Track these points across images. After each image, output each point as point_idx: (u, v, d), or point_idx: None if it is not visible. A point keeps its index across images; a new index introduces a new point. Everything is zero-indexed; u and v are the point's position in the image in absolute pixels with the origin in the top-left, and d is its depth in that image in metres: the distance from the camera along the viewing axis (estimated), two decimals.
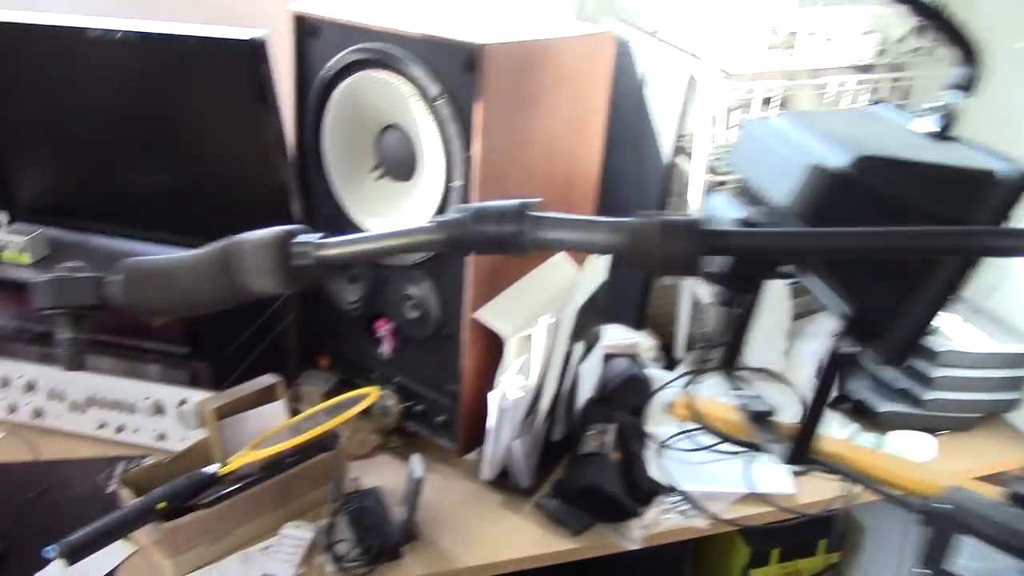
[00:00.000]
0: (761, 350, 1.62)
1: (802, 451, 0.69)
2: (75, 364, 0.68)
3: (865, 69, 1.56)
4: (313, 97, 1.34)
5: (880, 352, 0.64)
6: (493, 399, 1.28)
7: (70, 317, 0.69)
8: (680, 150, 1.56)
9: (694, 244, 0.58)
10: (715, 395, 0.81)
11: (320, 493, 1.31)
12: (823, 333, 1.61)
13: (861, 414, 1.52)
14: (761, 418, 0.76)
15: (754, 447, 0.77)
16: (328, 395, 1.50)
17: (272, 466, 1.26)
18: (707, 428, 0.79)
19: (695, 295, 1.63)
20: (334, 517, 1.25)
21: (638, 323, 1.69)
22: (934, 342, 1.44)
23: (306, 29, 1.33)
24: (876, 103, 1.59)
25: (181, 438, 1.40)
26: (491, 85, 1.17)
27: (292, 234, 0.59)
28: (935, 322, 0.65)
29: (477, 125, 1.18)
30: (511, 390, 1.27)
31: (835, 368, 0.66)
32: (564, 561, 1.29)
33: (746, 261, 0.66)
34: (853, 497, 1.37)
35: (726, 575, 1.92)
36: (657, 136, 1.57)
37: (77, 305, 0.68)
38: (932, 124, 0.73)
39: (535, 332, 1.27)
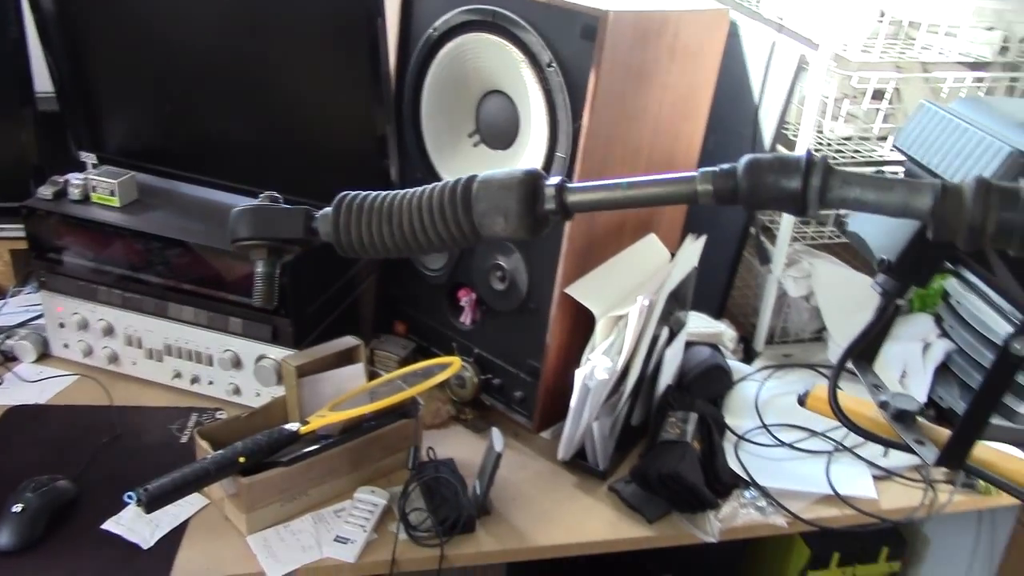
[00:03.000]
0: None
1: (957, 455, 0.65)
2: (268, 299, 0.64)
3: (979, 67, 1.50)
4: (416, 56, 1.31)
5: None
6: (579, 377, 1.25)
7: (269, 250, 0.64)
8: (782, 137, 1.51)
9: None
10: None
11: (395, 459, 1.29)
12: (911, 336, 1.56)
13: (947, 423, 1.48)
14: (907, 417, 0.72)
15: (899, 447, 0.73)
16: (404, 361, 1.48)
17: (351, 429, 1.24)
18: (846, 423, 0.75)
19: (782, 287, 1.58)
20: (410, 485, 1.23)
21: (719, 312, 1.65)
22: None
23: None
24: None
25: (256, 393, 1.39)
26: (608, 54, 1.13)
27: (541, 175, 0.53)
28: None
29: (590, 95, 1.14)
30: (599, 369, 1.23)
31: (1008, 369, 0.61)
32: (637, 548, 1.26)
33: (924, 249, 0.62)
34: (939, 507, 1.33)
35: (782, 575, 1.89)
36: (758, 121, 1.52)
37: (280, 238, 0.63)
38: None
39: (631, 312, 1.23)
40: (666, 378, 1.40)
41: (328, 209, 0.64)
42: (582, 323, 1.30)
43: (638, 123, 1.26)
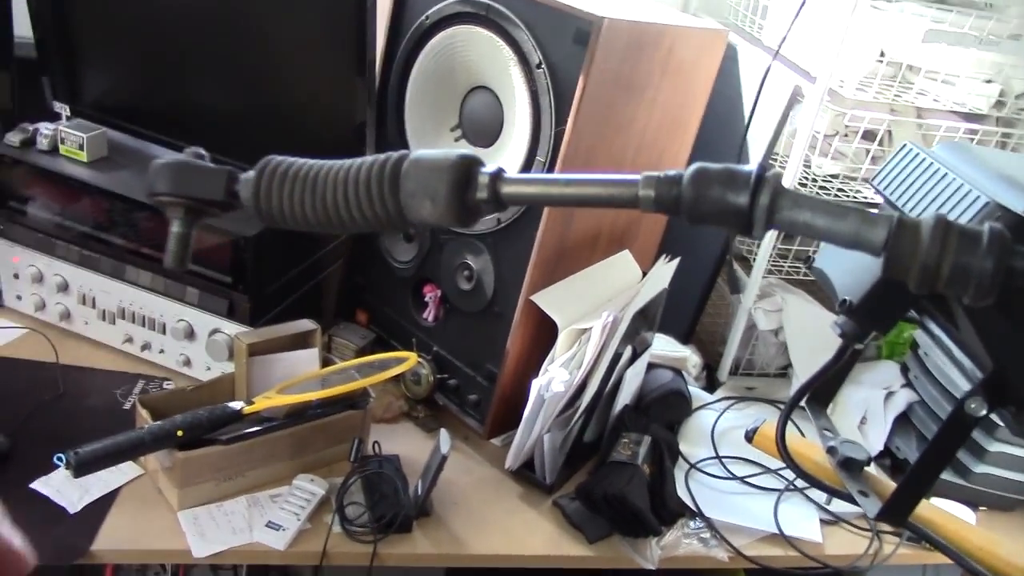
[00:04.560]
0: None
1: (899, 511, 0.63)
2: (180, 261, 0.60)
3: (974, 118, 1.49)
4: (405, 43, 1.29)
5: (1017, 421, 0.57)
6: (535, 387, 1.22)
7: (186, 209, 0.60)
8: (770, 168, 1.49)
9: (997, 260, 0.44)
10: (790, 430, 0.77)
11: (338, 450, 1.26)
12: (875, 383, 1.54)
13: (901, 473, 1.46)
14: (854, 466, 0.69)
15: (841, 496, 0.71)
16: (361, 351, 1.45)
17: (297, 414, 1.21)
18: (791, 466, 0.73)
19: (752, 319, 1.57)
20: (350, 478, 1.20)
21: (686, 337, 1.63)
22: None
23: None
24: None
25: (206, 367, 1.36)
26: (599, 61, 1.11)
27: (477, 161, 0.49)
28: None
29: (576, 101, 1.12)
30: (556, 381, 1.21)
31: (961, 429, 0.59)
32: (574, 567, 1.24)
33: (888, 295, 0.60)
34: (883, 558, 1.32)
35: None
36: (745, 148, 1.50)
37: (199, 197, 0.59)
38: None
39: (594, 327, 1.21)
40: (624, 397, 1.38)
41: (251, 173, 0.61)
42: (544, 333, 1.27)
43: (623, 136, 1.23)
